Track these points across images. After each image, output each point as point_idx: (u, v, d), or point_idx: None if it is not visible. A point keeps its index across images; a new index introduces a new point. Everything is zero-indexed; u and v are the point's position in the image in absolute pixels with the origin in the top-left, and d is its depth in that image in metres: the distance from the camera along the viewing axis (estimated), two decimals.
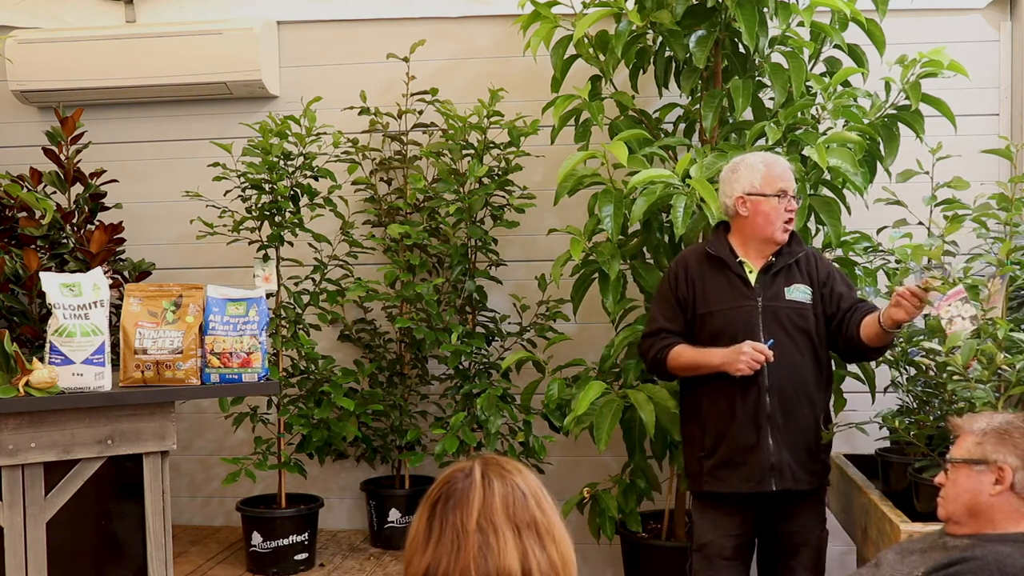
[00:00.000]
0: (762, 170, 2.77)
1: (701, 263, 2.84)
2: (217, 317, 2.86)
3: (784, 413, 2.74)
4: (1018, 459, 1.94)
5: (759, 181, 2.76)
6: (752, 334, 2.71)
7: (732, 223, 2.86)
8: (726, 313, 2.77)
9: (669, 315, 2.85)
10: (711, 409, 2.78)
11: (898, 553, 2.13)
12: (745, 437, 2.73)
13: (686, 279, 2.83)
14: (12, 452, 2.59)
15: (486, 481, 1.29)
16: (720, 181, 2.87)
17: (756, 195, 2.76)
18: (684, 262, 2.88)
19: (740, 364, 2.65)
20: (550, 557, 1.27)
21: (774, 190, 2.76)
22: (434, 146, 4.00)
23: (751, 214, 2.77)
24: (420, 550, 1.27)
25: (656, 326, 2.86)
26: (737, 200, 2.78)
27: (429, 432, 4.00)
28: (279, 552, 3.81)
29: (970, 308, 2.59)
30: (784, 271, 2.80)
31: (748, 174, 2.77)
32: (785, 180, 2.78)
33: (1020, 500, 1.94)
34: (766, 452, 2.72)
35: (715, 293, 2.79)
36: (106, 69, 4.27)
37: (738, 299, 2.76)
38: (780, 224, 2.77)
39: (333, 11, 4.36)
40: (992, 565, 1.86)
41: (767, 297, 2.76)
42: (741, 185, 2.78)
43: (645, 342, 2.89)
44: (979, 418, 2.06)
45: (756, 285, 2.78)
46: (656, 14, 3.33)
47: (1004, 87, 4.03)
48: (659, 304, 2.90)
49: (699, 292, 2.81)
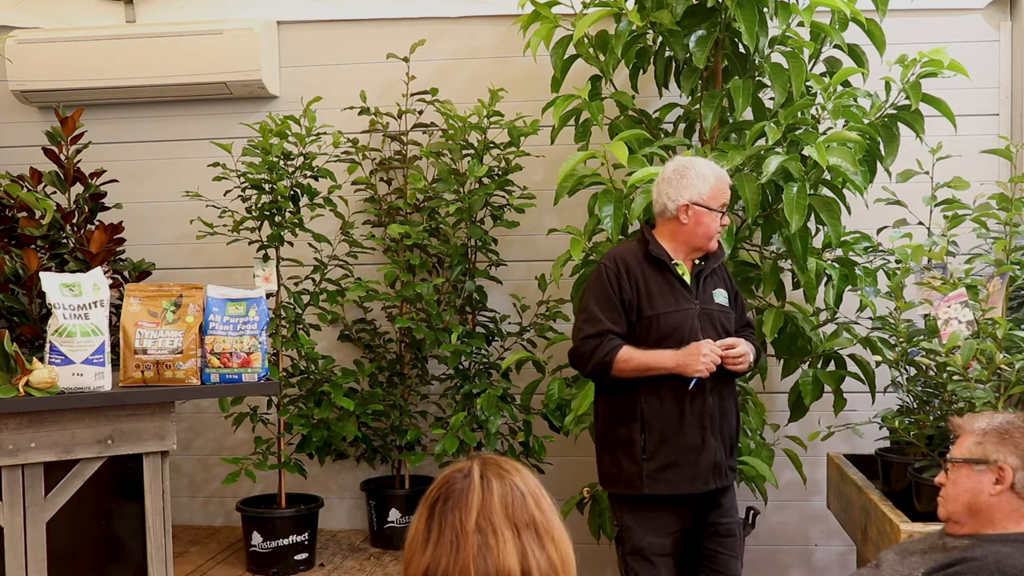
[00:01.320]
0: (712, 183, 2.75)
1: (640, 263, 2.78)
2: (217, 317, 2.86)
3: (721, 413, 2.77)
4: (1018, 459, 1.94)
5: (707, 194, 2.74)
6: (693, 336, 2.72)
7: (663, 225, 2.81)
8: (672, 316, 2.74)
9: (613, 316, 2.75)
10: (655, 411, 2.72)
11: (898, 554, 2.13)
12: (692, 438, 2.72)
13: (628, 280, 2.76)
14: (12, 452, 2.59)
15: (484, 481, 1.29)
16: (662, 180, 2.81)
17: (701, 206, 2.74)
18: (623, 262, 2.79)
19: (699, 365, 2.65)
20: (549, 557, 1.27)
21: (718, 204, 2.76)
22: (434, 146, 4.00)
23: (692, 223, 2.75)
24: (419, 550, 1.27)
25: (601, 327, 2.74)
26: (681, 207, 2.75)
27: (429, 432, 4.00)
28: (279, 552, 3.81)
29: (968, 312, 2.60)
30: (709, 275, 2.83)
31: (698, 183, 2.74)
32: (727, 195, 2.80)
33: (1020, 500, 1.94)
34: (711, 452, 2.73)
35: (660, 295, 2.75)
36: (106, 69, 4.27)
37: (680, 302, 2.76)
38: (715, 236, 2.79)
39: (333, 11, 4.36)
40: (992, 565, 1.86)
41: (702, 300, 2.79)
42: (688, 193, 2.74)
43: (587, 343, 2.74)
44: (979, 418, 2.06)
45: (691, 287, 2.79)
46: (656, 14, 3.33)
47: (1004, 87, 4.03)
48: (600, 305, 2.77)
49: (643, 294, 2.75)
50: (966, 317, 2.59)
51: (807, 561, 4.21)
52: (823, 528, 4.10)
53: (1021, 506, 1.95)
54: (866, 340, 3.40)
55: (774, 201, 3.38)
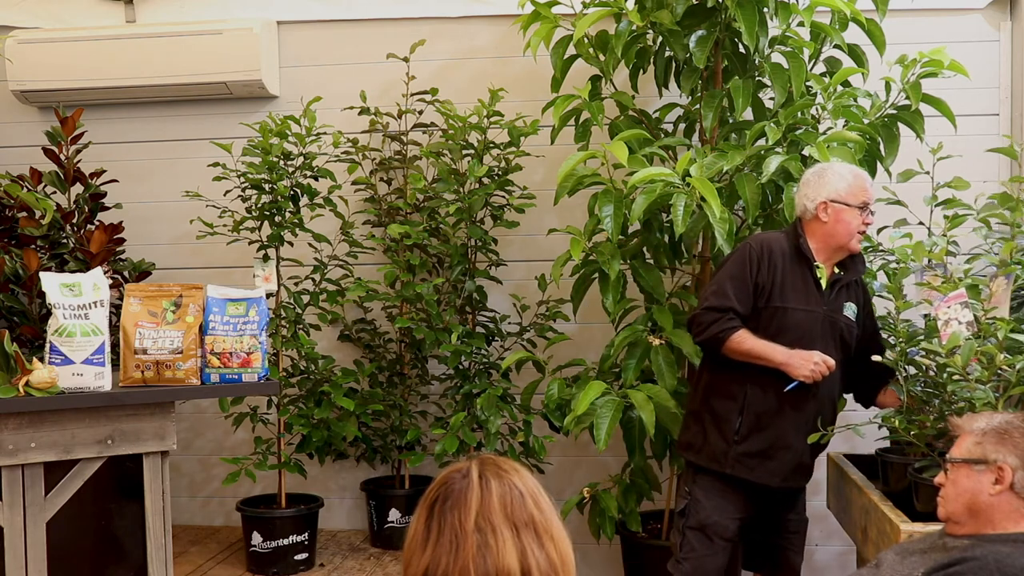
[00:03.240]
0: (850, 180, 2.81)
1: (784, 255, 2.82)
2: (217, 317, 2.86)
3: (814, 417, 2.82)
4: (1018, 459, 1.94)
5: (845, 190, 2.80)
6: (813, 339, 2.77)
7: (806, 225, 2.87)
8: (799, 313, 2.79)
9: (742, 296, 2.79)
10: (758, 398, 2.80)
11: (898, 554, 2.13)
12: (785, 435, 2.80)
13: (769, 266, 2.80)
14: (12, 452, 2.59)
15: (483, 481, 1.29)
16: (802, 184, 2.89)
17: (840, 203, 2.80)
18: (768, 248, 2.82)
19: (806, 372, 2.71)
20: (549, 556, 1.27)
21: (858, 202, 2.81)
22: (434, 146, 4.00)
23: (832, 221, 2.81)
24: (419, 551, 1.27)
25: (727, 303, 2.78)
26: (820, 205, 2.81)
27: (429, 432, 4.00)
28: (279, 552, 3.81)
29: (968, 313, 2.60)
30: (845, 287, 2.87)
31: (835, 181, 2.81)
32: (869, 194, 2.83)
33: (1020, 500, 1.94)
34: (798, 453, 2.82)
35: (793, 290, 2.80)
36: (106, 69, 4.27)
37: (811, 302, 2.81)
38: (857, 235, 2.83)
39: (333, 11, 4.36)
40: (992, 565, 1.86)
41: (831, 308, 2.83)
42: (827, 191, 2.81)
43: (709, 315, 2.79)
44: (979, 418, 2.06)
45: (825, 292, 2.83)
46: (656, 14, 3.33)
47: (1004, 87, 4.03)
48: (733, 282, 2.80)
49: (778, 283, 2.79)
50: (966, 318, 2.59)
51: (807, 561, 4.18)
52: (823, 528, 4.10)
53: (1021, 506, 1.95)
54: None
55: (774, 201, 3.38)
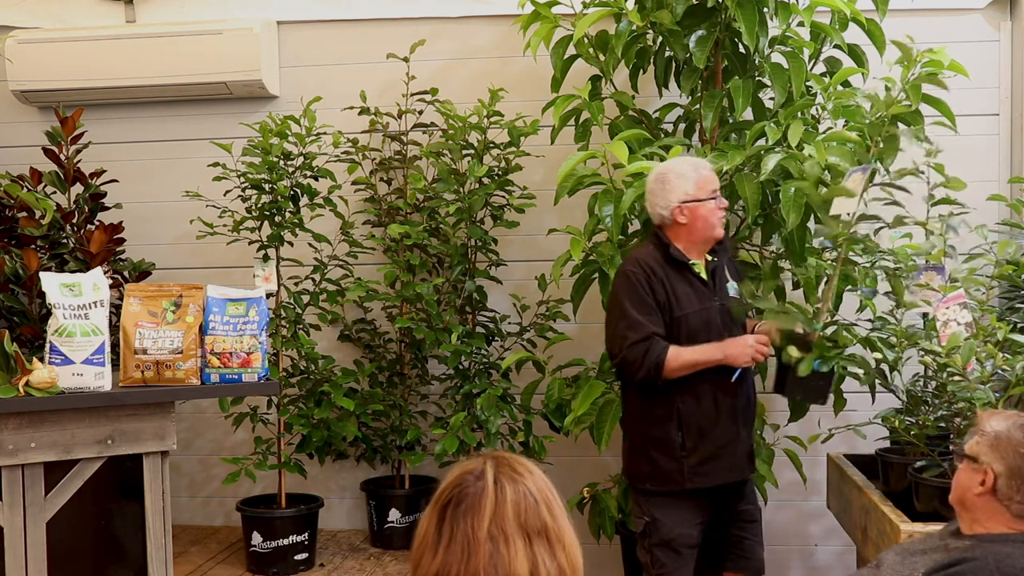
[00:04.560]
0: (694, 176, 2.82)
1: (663, 266, 2.83)
2: (217, 317, 2.86)
3: (746, 404, 2.90)
4: (1004, 468, 1.97)
5: (693, 188, 2.81)
6: (719, 332, 2.82)
7: (668, 232, 2.86)
8: (697, 315, 2.82)
9: (653, 319, 2.79)
10: (691, 410, 2.80)
11: (898, 554, 2.13)
12: (728, 430, 2.83)
13: (659, 283, 2.81)
14: (12, 452, 2.59)
15: (498, 487, 1.28)
16: (649, 194, 2.88)
17: (692, 201, 2.81)
18: (647, 266, 2.83)
19: (747, 358, 2.77)
20: (559, 564, 1.27)
21: (708, 193, 2.82)
22: (434, 146, 4.00)
23: (691, 220, 2.81)
24: (429, 554, 1.26)
25: (646, 331, 2.76)
26: (675, 210, 2.81)
27: (429, 432, 4.00)
28: (279, 552, 3.81)
29: (967, 314, 2.60)
30: (719, 268, 2.91)
31: (680, 183, 2.81)
32: (714, 181, 2.86)
33: (1001, 505, 1.98)
34: (744, 441, 2.88)
35: (684, 296, 2.82)
36: (106, 69, 4.27)
37: (703, 300, 2.84)
38: (718, 222, 2.85)
39: (333, 11, 4.36)
40: (992, 565, 1.88)
41: (720, 296, 2.88)
42: (676, 195, 2.81)
43: (636, 349, 2.75)
44: (995, 417, 2.06)
45: (709, 285, 2.87)
46: (656, 14, 3.33)
47: (1004, 87, 4.03)
48: (639, 309, 2.79)
49: (671, 295, 2.81)
50: (965, 319, 2.59)
51: (807, 561, 4.21)
52: (823, 528, 4.10)
53: (1002, 510, 1.98)
54: (866, 340, 3.40)
55: (774, 201, 3.38)
